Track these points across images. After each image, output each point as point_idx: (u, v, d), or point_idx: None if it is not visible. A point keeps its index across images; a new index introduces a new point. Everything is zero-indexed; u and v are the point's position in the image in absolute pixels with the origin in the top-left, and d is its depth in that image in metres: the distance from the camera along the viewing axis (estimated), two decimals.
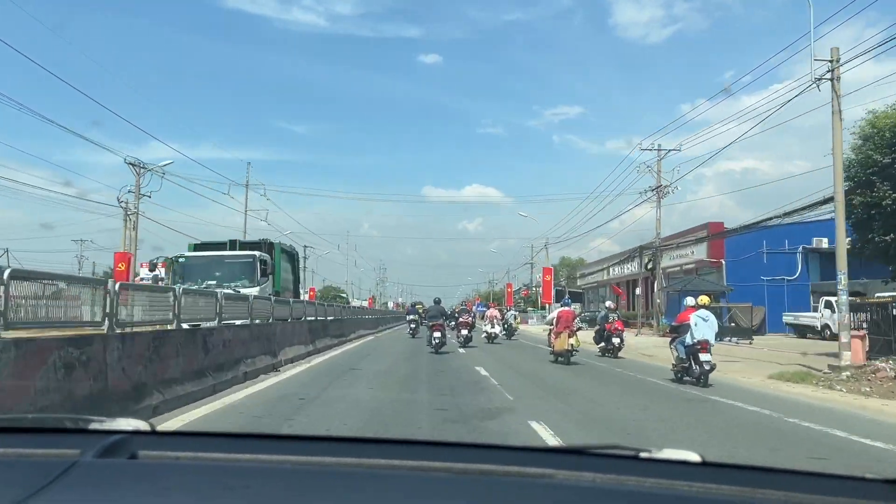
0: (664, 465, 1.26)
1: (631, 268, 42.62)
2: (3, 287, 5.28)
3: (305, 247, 52.01)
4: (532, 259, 64.54)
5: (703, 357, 11.08)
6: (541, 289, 62.48)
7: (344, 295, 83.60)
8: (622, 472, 1.17)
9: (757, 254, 32.44)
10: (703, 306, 11.71)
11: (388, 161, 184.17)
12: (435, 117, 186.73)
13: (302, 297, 28.35)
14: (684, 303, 12.40)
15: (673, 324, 12.88)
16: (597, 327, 19.62)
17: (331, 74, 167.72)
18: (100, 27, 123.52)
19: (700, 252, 35.10)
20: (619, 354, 17.76)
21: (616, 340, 17.84)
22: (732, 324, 26.43)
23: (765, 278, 32.59)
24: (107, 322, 6.70)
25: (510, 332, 28.71)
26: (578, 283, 62.89)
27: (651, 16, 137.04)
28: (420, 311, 30.39)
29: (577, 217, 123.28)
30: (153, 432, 1.42)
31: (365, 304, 79.19)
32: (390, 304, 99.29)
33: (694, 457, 1.28)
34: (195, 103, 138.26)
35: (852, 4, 17.14)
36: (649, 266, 33.47)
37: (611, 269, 49.63)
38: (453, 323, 25.33)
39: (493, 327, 24.50)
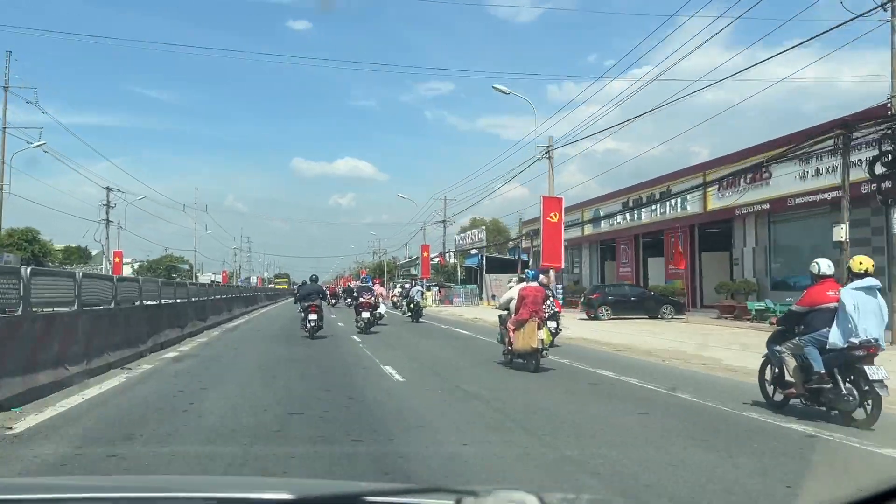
0: None
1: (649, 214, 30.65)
2: None
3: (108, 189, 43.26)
4: (449, 218, 51.92)
5: (871, 371, 6.17)
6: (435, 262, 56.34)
7: (185, 266, 70.89)
8: None
9: None
10: (862, 274, 6.50)
11: (257, 131, 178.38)
12: (305, 87, 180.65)
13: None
14: (815, 270, 6.90)
15: (794, 307, 7.03)
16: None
17: (197, 38, 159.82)
18: None
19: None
20: (555, 342, 13.46)
21: (552, 325, 12.80)
22: None
23: None
24: None
25: (416, 313, 24.32)
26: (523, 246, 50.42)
27: None
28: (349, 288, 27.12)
29: (458, 190, 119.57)
30: None
31: (218, 279, 67.70)
32: (253, 280, 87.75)
33: (531, 501, 1.14)
34: (39, 61, 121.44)
35: None
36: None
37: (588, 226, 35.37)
38: (349, 301, 24.53)
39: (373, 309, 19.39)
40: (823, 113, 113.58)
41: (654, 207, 29.79)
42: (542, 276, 12.25)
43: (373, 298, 18.67)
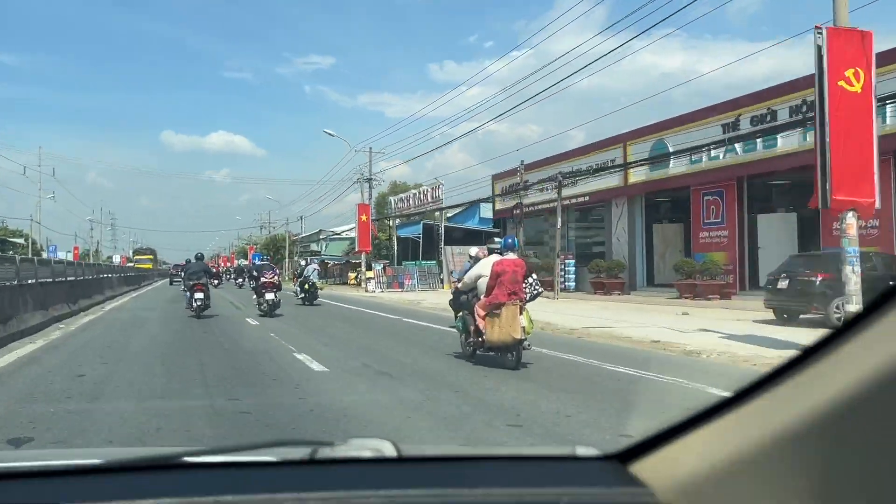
0: (350, 465, 1.13)
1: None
2: None
3: None
4: (374, 174, 38.90)
5: None
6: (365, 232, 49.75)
7: (20, 241, 59.71)
8: (295, 488, 0.97)
9: None
10: None
11: (120, 102, 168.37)
12: (176, 56, 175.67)
13: None
14: None
15: None
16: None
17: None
18: None
19: None
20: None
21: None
22: None
23: None
24: None
25: (311, 294, 21.17)
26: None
27: None
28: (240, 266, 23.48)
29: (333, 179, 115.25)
30: None
31: (69, 256, 57.40)
32: (116, 259, 76.17)
33: (387, 448, 1.16)
34: None
35: None
36: None
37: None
38: (239, 281, 23.79)
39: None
40: (692, 98, 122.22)
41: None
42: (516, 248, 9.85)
43: (276, 277, 17.15)
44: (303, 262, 26.80)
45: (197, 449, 1.23)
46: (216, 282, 20.76)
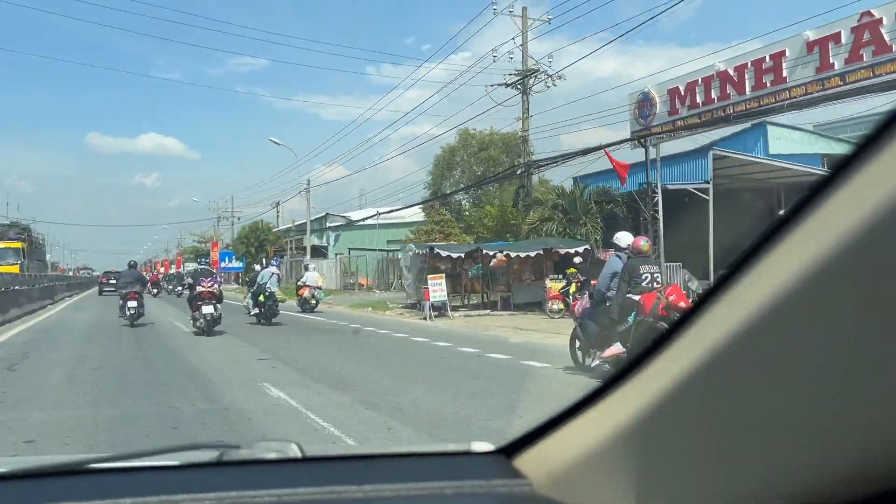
0: (257, 466, 1.18)
1: None
2: None
3: None
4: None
5: None
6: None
7: None
8: (201, 488, 1.01)
9: None
10: None
11: (41, 101, 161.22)
12: (97, 55, 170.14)
13: None
14: None
15: None
16: None
17: None
18: None
19: None
20: None
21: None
22: None
23: None
24: None
25: (269, 310, 17.04)
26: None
27: None
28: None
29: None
30: None
31: None
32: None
33: (292, 450, 1.20)
34: None
35: None
36: None
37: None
38: (178, 290, 21.12)
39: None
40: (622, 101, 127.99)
41: None
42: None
43: (216, 286, 14.85)
44: (257, 267, 20.28)
45: (101, 455, 1.26)
46: (155, 291, 20.48)
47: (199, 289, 14.48)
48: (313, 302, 21.30)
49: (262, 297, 16.67)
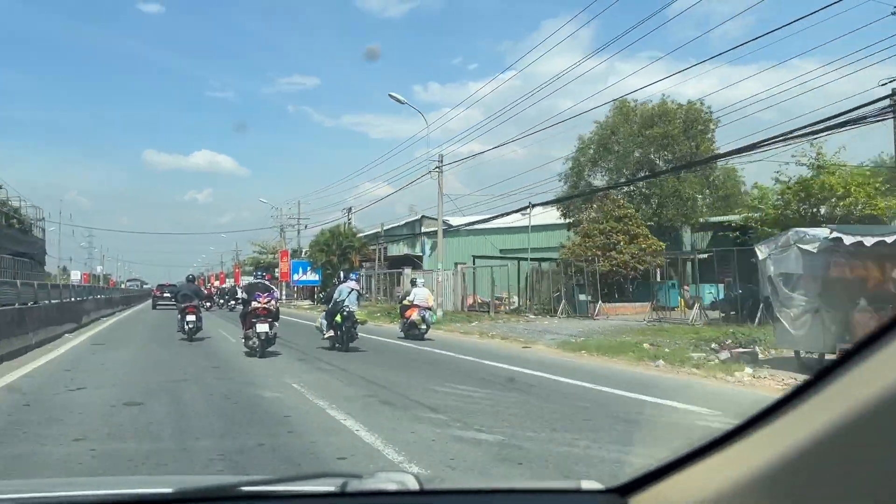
0: (377, 497, 1.32)
1: None
2: None
3: None
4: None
5: None
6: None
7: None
8: None
9: None
10: None
11: (102, 120, 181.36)
12: (156, 75, 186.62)
13: None
14: None
15: None
16: None
17: (22, 16, 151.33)
18: None
19: None
20: None
21: None
22: None
23: None
24: None
25: (348, 333, 14.59)
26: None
27: None
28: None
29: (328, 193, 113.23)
30: None
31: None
32: (76, 277, 70.12)
33: (410, 482, 1.33)
34: None
35: None
36: None
37: None
38: (231, 304, 21.40)
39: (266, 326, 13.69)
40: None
41: None
42: None
43: (272, 302, 14.03)
44: (338, 282, 16.09)
45: (242, 479, 1.51)
46: (208, 304, 20.74)
47: (253, 304, 13.75)
48: (423, 327, 18.16)
49: (338, 318, 14.80)
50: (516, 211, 31.09)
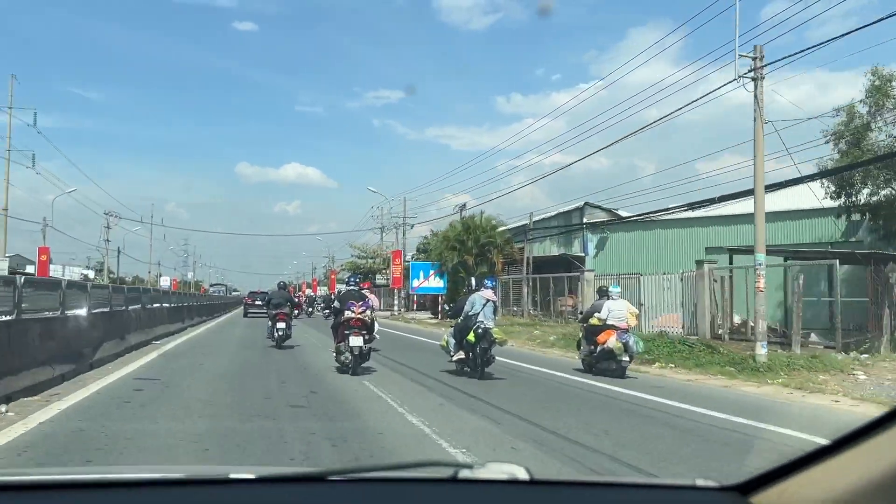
0: (488, 486, 1.31)
1: None
2: None
3: None
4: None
5: None
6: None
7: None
8: (440, 499, 1.23)
9: None
10: None
11: (198, 134, 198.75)
12: (250, 91, 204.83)
13: None
14: None
15: None
16: None
17: (129, 38, 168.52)
18: None
19: None
20: None
21: None
22: None
23: None
24: None
25: (483, 356, 11.64)
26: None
27: (475, 1, 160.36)
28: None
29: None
30: None
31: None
32: (165, 283, 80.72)
33: (521, 473, 1.33)
34: None
35: None
36: None
37: None
38: (326, 312, 18.91)
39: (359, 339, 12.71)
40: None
41: None
42: None
43: (367, 311, 12.78)
44: (476, 289, 12.76)
45: (339, 468, 1.51)
46: (297, 312, 21.15)
47: (346, 314, 12.37)
48: (624, 359, 12.81)
49: (470, 336, 12.17)
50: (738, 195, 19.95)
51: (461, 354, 11.93)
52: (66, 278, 23.46)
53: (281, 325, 17.69)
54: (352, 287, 13.45)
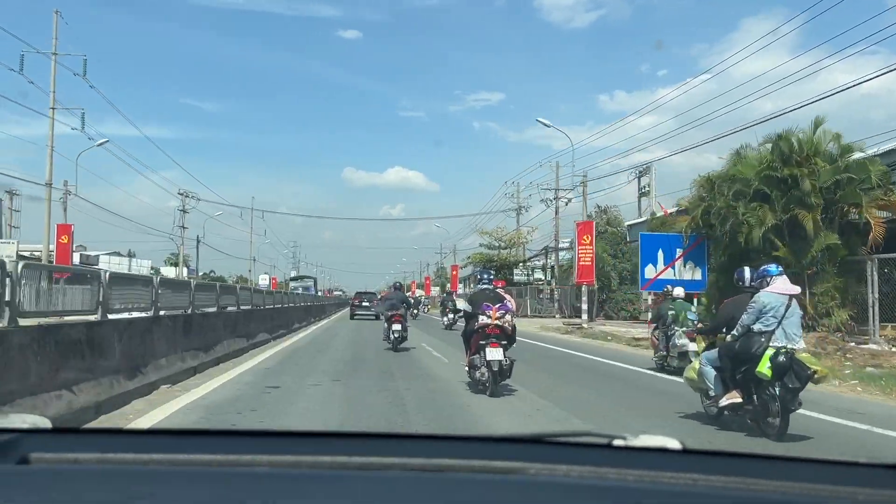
0: (642, 453, 1.39)
1: None
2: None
3: None
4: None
5: None
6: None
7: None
8: (598, 464, 1.27)
9: None
10: None
11: (305, 141, 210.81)
12: (354, 98, 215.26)
13: None
14: None
15: None
16: None
17: (242, 51, 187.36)
18: None
19: None
20: None
21: None
22: None
23: None
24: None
25: (782, 408, 7.21)
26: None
27: None
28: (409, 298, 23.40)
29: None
30: (52, 430, 1.45)
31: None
32: (264, 282, 78.91)
33: (674, 443, 1.39)
34: (97, 77, 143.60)
35: None
36: None
37: None
38: (451, 317, 19.39)
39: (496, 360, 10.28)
40: (891, 122, 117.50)
41: None
42: None
43: (507, 316, 10.53)
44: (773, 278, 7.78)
45: (514, 435, 1.88)
46: (415, 312, 22.99)
47: (481, 320, 10.23)
48: None
49: (762, 368, 7.29)
50: None
51: (735, 397, 7.47)
52: (193, 279, 24.54)
53: (397, 326, 17.81)
54: (485, 286, 11.17)
